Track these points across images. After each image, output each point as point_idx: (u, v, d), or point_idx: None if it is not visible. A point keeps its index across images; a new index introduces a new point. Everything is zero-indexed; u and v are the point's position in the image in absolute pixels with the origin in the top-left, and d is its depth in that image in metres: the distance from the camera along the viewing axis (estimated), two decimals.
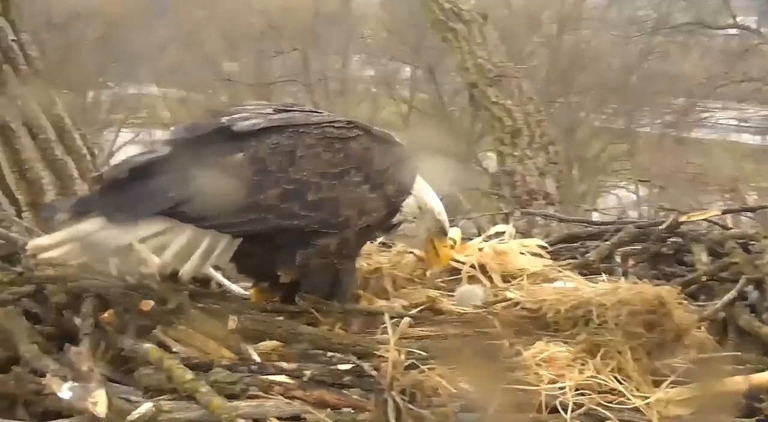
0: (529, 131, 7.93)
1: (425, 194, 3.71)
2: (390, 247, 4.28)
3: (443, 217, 3.77)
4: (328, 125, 3.37)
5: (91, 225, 3.12)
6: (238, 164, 3.21)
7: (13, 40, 4.70)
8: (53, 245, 3.15)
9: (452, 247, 4.07)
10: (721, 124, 27.87)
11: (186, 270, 3.29)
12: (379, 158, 3.42)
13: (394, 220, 3.63)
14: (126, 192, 3.14)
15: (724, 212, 4.76)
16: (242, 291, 3.75)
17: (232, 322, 3.18)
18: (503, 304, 3.58)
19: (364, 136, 3.42)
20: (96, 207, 3.14)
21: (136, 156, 3.26)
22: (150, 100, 31.13)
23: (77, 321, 3.21)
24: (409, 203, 3.62)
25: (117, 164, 3.32)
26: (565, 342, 3.18)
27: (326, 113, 3.55)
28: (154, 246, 3.21)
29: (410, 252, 4.06)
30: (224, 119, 3.33)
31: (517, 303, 3.55)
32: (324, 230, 3.32)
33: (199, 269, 3.39)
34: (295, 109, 3.50)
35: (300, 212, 3.25)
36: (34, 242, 3.22)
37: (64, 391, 2.79)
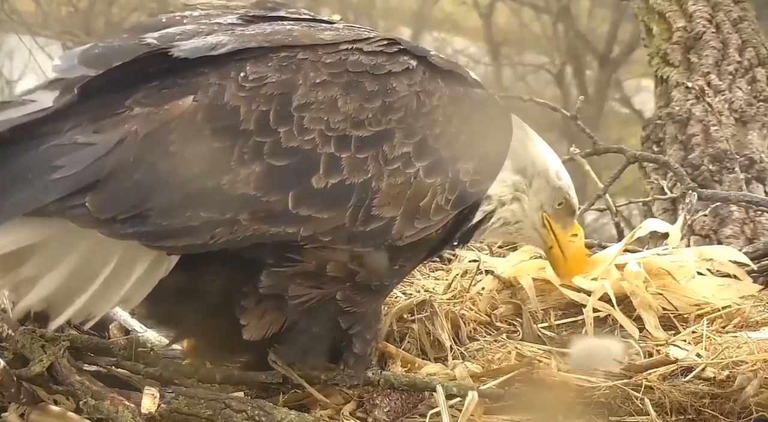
0: (718, 38, 5.36)
1: (531, 149, 2.49)
2: (448, 261, 3.11)
3: (566, 183, 2.53)
4: (351, 46, 2.17)
5: None
6: (186, 120, 2.00)
7: None
8: None
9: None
10: None
11: (66, 315, 2.06)
12: (448, 110, 2.23)
13: (476, 218, 2.41)
14: None
15: None
16: (168, 343, 2.47)
17: (150, 400, 2.07)
18: (663, 371, 2.43)
19: (419, 69, 2.22)
20: None
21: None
22: None
23: None
24: (503, 180, 2.42)
25: None
26: None
27: (344, 24, 2.30)
28: (22, 278, 2.05)
29: (488, 272, 2.86)
30: (150, 37, 2.13)
31: (689, 369, 2.46)
32: (338, 245, 2.14)
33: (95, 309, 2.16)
34: (281, 14, 2.27)
35: (297, 211, 2.05)
36: None
37: None
